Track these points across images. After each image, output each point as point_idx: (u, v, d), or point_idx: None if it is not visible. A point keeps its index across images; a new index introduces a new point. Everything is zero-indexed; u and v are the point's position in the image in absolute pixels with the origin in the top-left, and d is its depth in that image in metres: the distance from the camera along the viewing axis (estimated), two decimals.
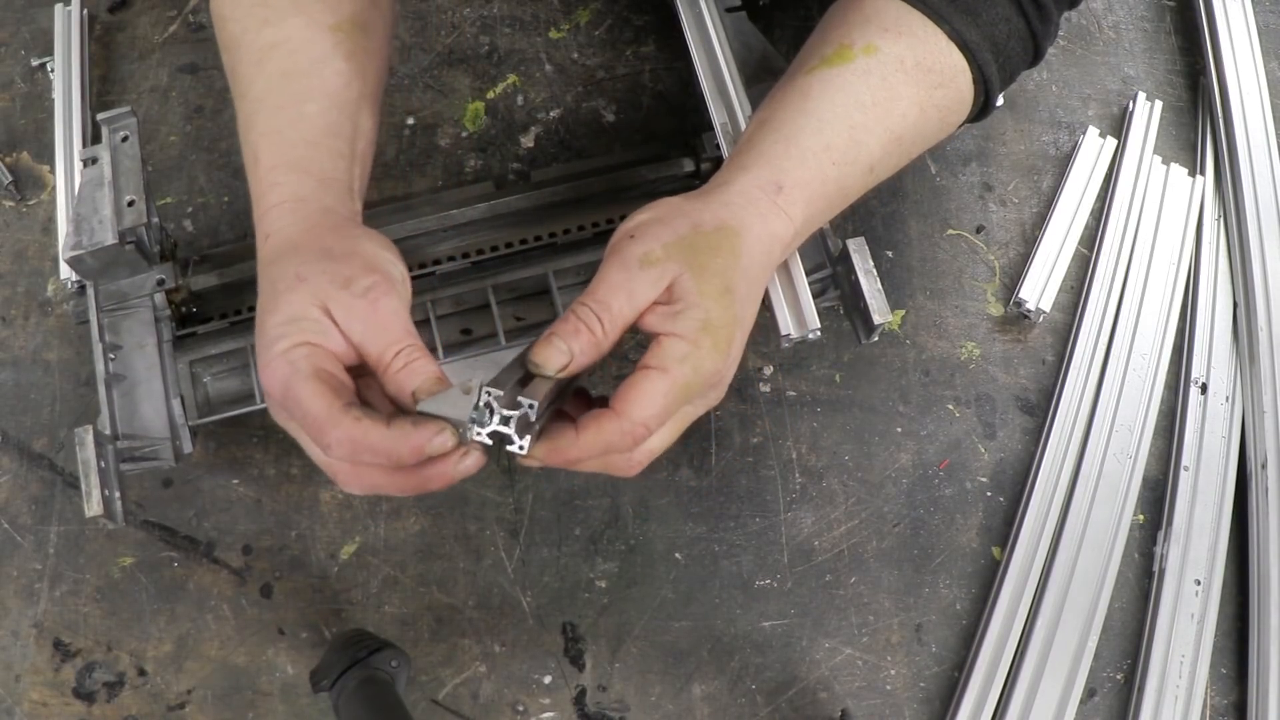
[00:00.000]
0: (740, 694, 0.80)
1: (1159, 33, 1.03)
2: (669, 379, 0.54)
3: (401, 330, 0.55)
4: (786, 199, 0.60)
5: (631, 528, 0.84)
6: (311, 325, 0.54)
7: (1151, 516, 0.86)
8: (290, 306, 0.54)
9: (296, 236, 0.58)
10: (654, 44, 0.99)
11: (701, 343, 0.54)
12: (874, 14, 0.64)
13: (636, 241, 0.56)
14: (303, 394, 0.52)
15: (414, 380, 0.53)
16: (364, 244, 0.58)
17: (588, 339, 0.54)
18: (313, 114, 0.62)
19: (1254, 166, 0.94)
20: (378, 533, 0.83)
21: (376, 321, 0.54)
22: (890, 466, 0.86)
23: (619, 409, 0.53)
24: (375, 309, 0.54)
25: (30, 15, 0.99)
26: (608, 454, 0.54)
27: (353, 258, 0.56)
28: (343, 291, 0.54)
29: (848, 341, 0.89)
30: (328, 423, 0.51)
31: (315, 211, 0.60)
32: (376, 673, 0.70)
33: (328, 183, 0.61)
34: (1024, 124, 0.99)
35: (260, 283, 0.58)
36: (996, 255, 0.94)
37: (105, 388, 0.72)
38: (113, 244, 0.71)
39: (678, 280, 0.55)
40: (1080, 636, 0.80)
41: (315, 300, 0.54)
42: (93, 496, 0.64)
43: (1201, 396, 0.88)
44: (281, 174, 0.60)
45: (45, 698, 0.78)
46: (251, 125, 0.63)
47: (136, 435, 0.72)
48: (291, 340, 0.53)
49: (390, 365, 0.54)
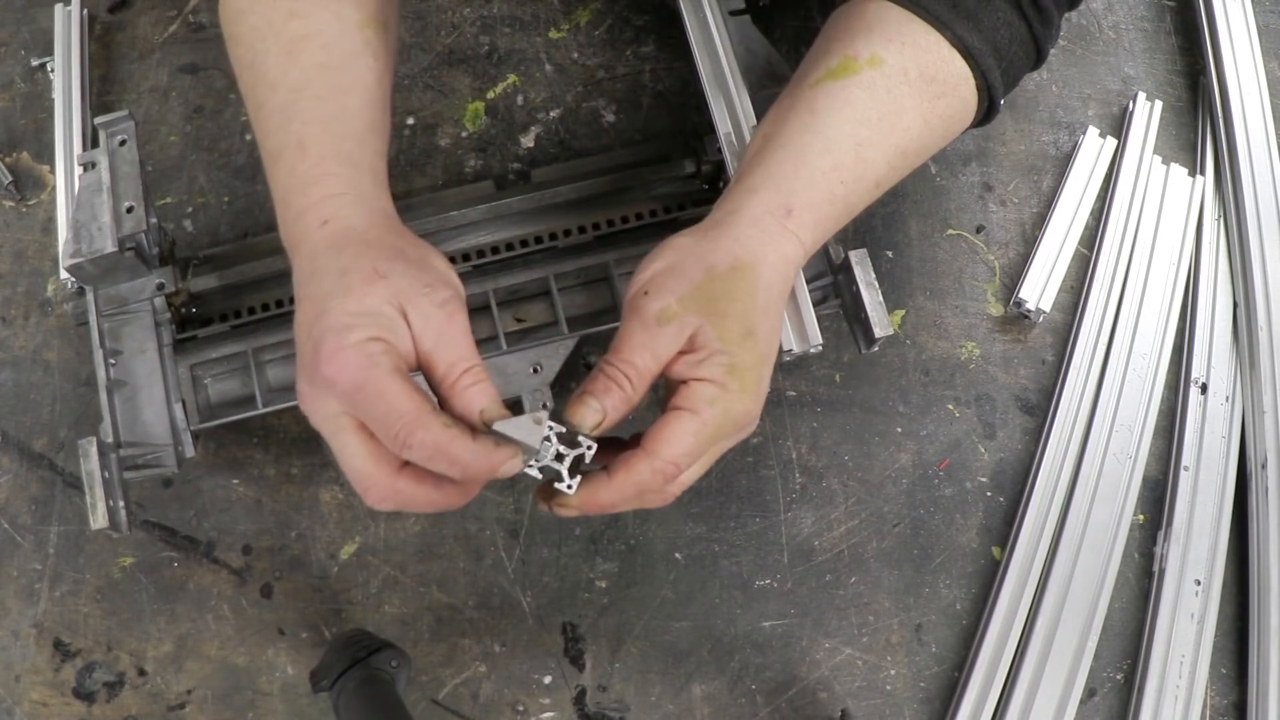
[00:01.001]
0: (740, 694, 0.80)
1: (1159, 33, 1.03)
2: (699, 420, 0.54)
3: (470, 348, 0.55)
4: (797, 222, 0.60)
5: (631, 528, 0.84)
6: (388, 323, 0.53)
7: (1151, 516, 0.86)
8: (367, 299, 0.53)
9: (364, 230, 0.57)
10: (654, 44, 0.99)
11: (730, 386, 0.55)
12: (877, 22, 0.64)
13: (651, 298, 0.56)
14: (389, 389, 0.51)
15: (483, 400, 0.53)
16: (434, 256, 0.58)
17: (618, 395, 0.55)
18: (356, 109, 0.61)
19: (1254, 166, 0.94)
20: (378, 533, 0.83)
21: (451, 335, 0.54)
22: (890, 466, 0.86)
23: (650, 449, 0.54)
24: (451, 322, 0.54)
25: (30, 15, 0.99)
26: (641, 494, 0.55)
27: (428, 267, 0.56)
28: (423, 298, 0.54)
29: (848, 342, 0.89)
30: (417, 423, 0.50)
31: (376, 210, 0.59)
32: (376, 673, 0.70)
33: (379, 181, 0.61)
34: (1024, 124, 0.99)
35: (318, 266, 0.56)
36: (996, 255, 0.94)
37: (106, 394, 0.72)
38: (112, 252, 0.71)
39: (698, 331, 0.56)
40: (1080, 636, 0.80)
41: (394, 300, 0.53)
42: (98, 509, 0.64)
43: (1201, 396, 0.88)
44: (334, 165, 0.59)
45: (45, 698, 0.78)
46: (291, 115, 0.61)
47: (139, 442, 0.72)
48: (368, 333, 0.52)
49: (459, 381, 0.53)
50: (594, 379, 0.56)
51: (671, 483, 0.55)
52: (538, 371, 0.77)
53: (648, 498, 0.56)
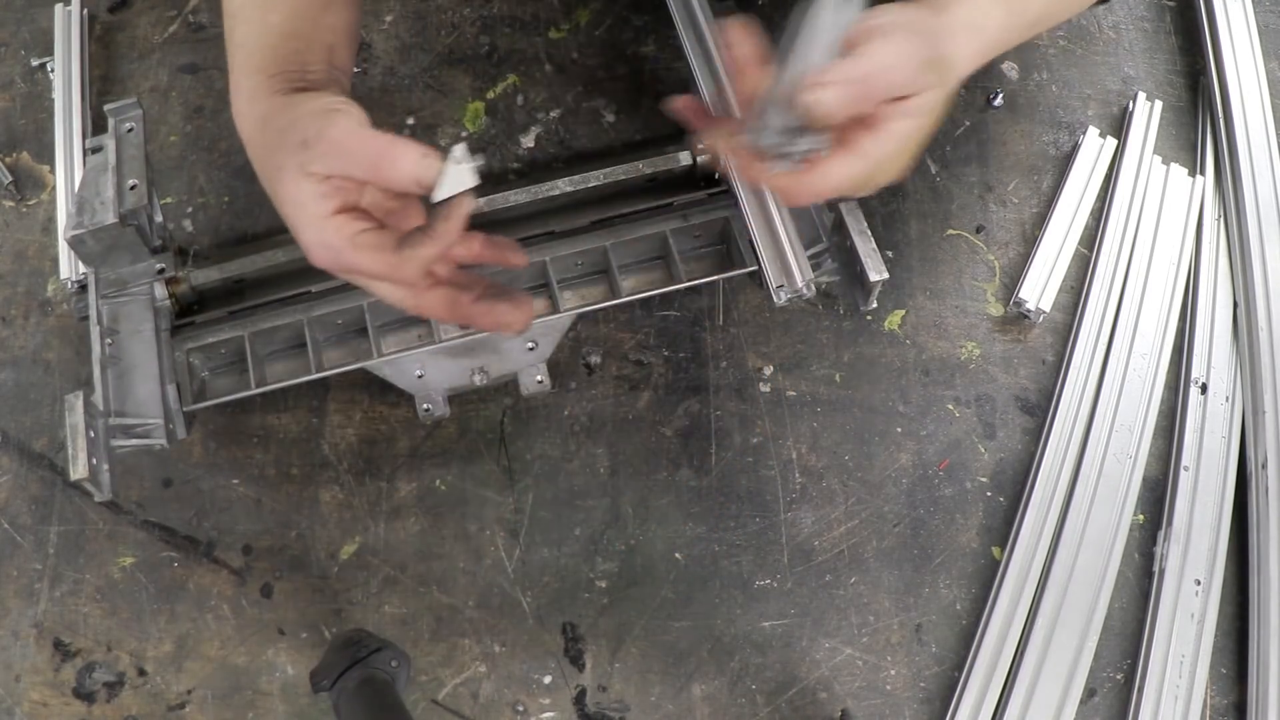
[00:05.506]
0: (740, 694, 0.80)
1: (1159, 33, 1.03)
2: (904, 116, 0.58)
3: (369, 142, 0.58)
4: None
5: (631, 528, 0.84)
6: (313, 197, 0.58)
7: (1151, 516, 0.86)
8: (289, 192, 0.59)
9: (256, 137, 0.64)
10: (654, 44, 0.99)
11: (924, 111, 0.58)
12: None
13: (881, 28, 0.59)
14: (358, 263, 0.59)
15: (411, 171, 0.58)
16: (304, 105, 0.62)
17: (850, 91, 0.57)
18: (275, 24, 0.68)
19: (1254, 166, 0.94)
20: (378, 533, 0.83)
21: (350, 152, 0.58)
22: (890, 466, 0.86)
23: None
24: (336, 146, 0.58)
25: (30, 15, 0.99)
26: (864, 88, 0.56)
27: (296, 123, 0.60)
28: (306, 152, 0.58)
29: (848, 341, 0.89)
30: (394, 271, 0.59)
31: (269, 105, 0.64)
32: (376, 673, 0.70)
33: (276, 76, 0.66)
34: (1024, 124, 0.99)
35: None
36: (996, 255, 0.94)
37: (100, 368, 0.73)
38: (113, 224, 0.73)
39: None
40: (1080, 636, 0.80)
41: (300, 176, 0.58)
42: (79, 460, 0.65)
43: (1201, 396, 0.88)
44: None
45: (45, 698, 0.78)
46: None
47: (130, 414, 0.72)
48: (313, 221, 0.59)
49: (382, 179, 0.58)
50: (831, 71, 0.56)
51: (887, 133, 0.57)
52: (533, 349, 0.77)
53: (881, 165, 0.59)
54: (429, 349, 0.78)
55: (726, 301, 0.90)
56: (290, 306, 0.80)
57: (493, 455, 0.86)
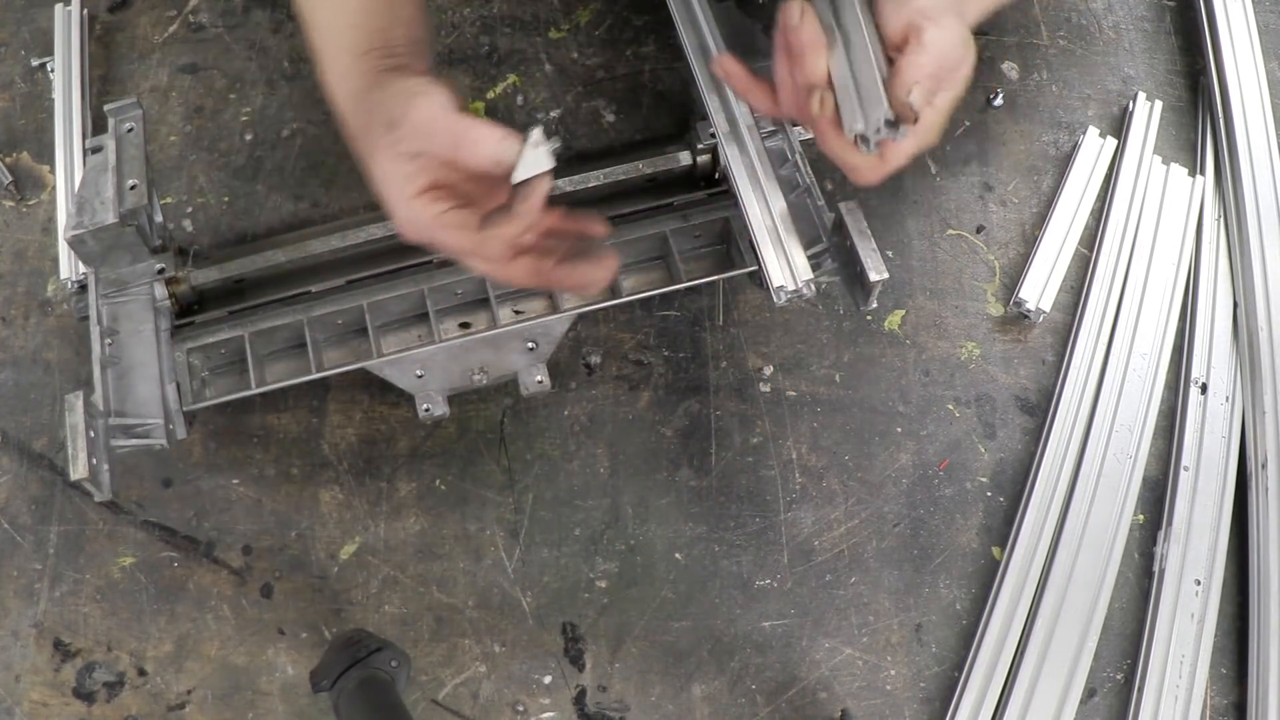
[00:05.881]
0: (740, 694, 0.80)
1: (1159, 33, 1.03)
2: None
3: (451, 125, 0.62)
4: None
5: (631, 528, 0.84)
6: (401, 177, 0.61)
7: (1151, 516, 0.86)
8: (380, 170, 0.62)
9: (351, 116, 0.67)
10: (654, 44, 0.99)
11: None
12: None
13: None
14: (445, 240, 0.62)
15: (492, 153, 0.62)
16: (391, 86, 0.65)
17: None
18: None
19: (1254, 166, 0.94)
20: (378, 533, 0.83)
21: (433, 134, 0.61)
22: (890, 466, 0.86)
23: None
24: (419, 129, 0.61)
25: (30, 15, 0.99)
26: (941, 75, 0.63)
27: (384, 104, 0.64)
28: (393, 133, 0.61)
29: (848, 341, 0.89)
30: (478, 248, 0.63)
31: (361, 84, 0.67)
32: (376, 673, 0.70)
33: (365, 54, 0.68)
34: (1024, 124, 0.99)
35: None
36: (996, 255, 0.94)
37: (100, 368, 0.73)
38: (113, 224, 0.73)
39: None
40: (1080, 636, 0.80)
41: (390, 156, 0.62)
42: (79, 460, 0.65)
43: (1201, 396, 0.88)
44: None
45: (45, 698, 0.78)
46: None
47: (130, 414, 0.73)
48: (401, 199, 0.62)
49: (470, 163, 0.62)
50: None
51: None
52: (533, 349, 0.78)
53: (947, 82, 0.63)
54: (429, 349, 0.78)
55: (726, 301, 0.90)
56: (290, 306, 0.81)
57: (493, 455, 0.86)
